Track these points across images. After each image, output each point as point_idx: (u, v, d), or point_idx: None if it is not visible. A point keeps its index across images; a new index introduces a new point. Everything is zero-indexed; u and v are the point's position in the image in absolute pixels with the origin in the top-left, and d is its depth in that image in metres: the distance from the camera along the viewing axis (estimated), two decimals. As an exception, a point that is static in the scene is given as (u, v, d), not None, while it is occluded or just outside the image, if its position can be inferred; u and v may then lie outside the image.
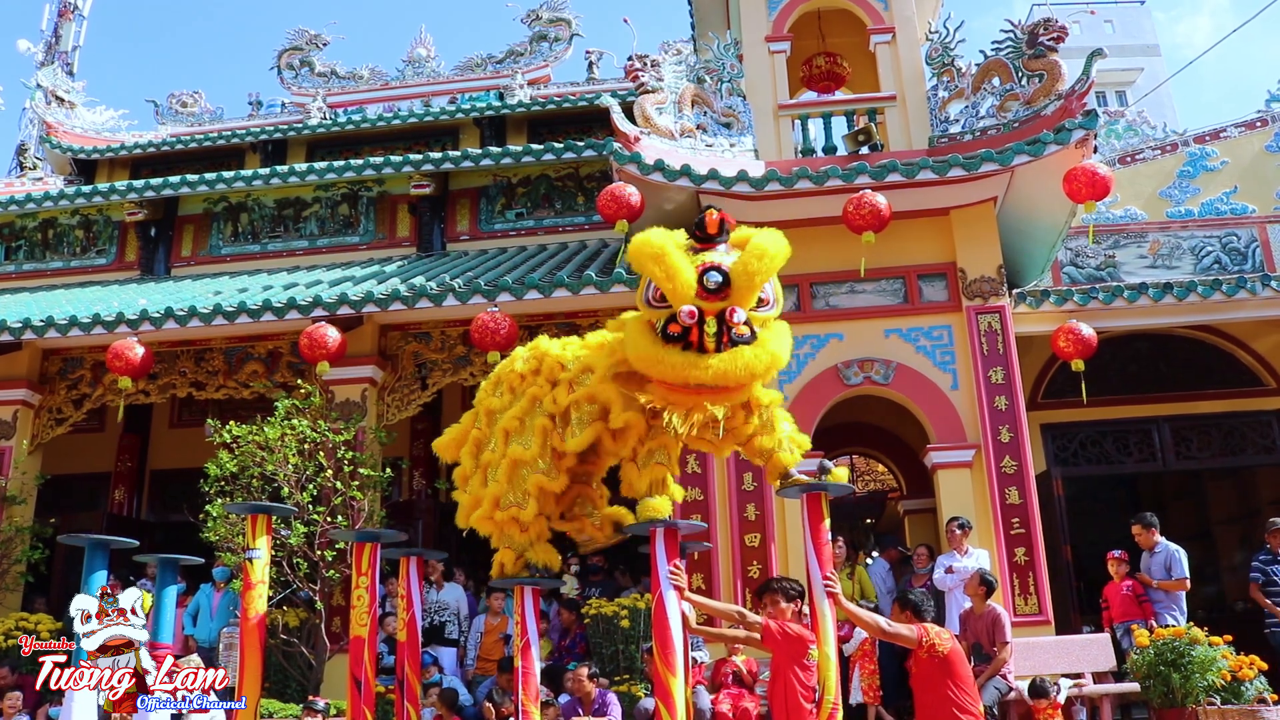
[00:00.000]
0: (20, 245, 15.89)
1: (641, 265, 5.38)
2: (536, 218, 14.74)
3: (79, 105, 19.52)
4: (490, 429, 6.47)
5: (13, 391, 12.48)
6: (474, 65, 20.30)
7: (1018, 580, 10.13)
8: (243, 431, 10.19)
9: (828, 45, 13.40)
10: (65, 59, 30.40)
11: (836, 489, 6.23)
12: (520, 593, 6.60)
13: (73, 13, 32.12)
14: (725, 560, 10.50)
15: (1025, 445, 10.57)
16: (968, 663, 6.26)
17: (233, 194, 15.29)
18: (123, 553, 7.75)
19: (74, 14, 32.18)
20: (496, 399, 6.52)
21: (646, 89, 11.78)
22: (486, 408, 6.59)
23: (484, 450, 6.48)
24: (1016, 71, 11.46)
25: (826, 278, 11.32)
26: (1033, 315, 11.86)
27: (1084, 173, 10.12)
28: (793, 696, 5.99)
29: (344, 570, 9.92)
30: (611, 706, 8.63)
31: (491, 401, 6.55)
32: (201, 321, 11.52)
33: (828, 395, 10.96)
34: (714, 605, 7.15)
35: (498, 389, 6.59)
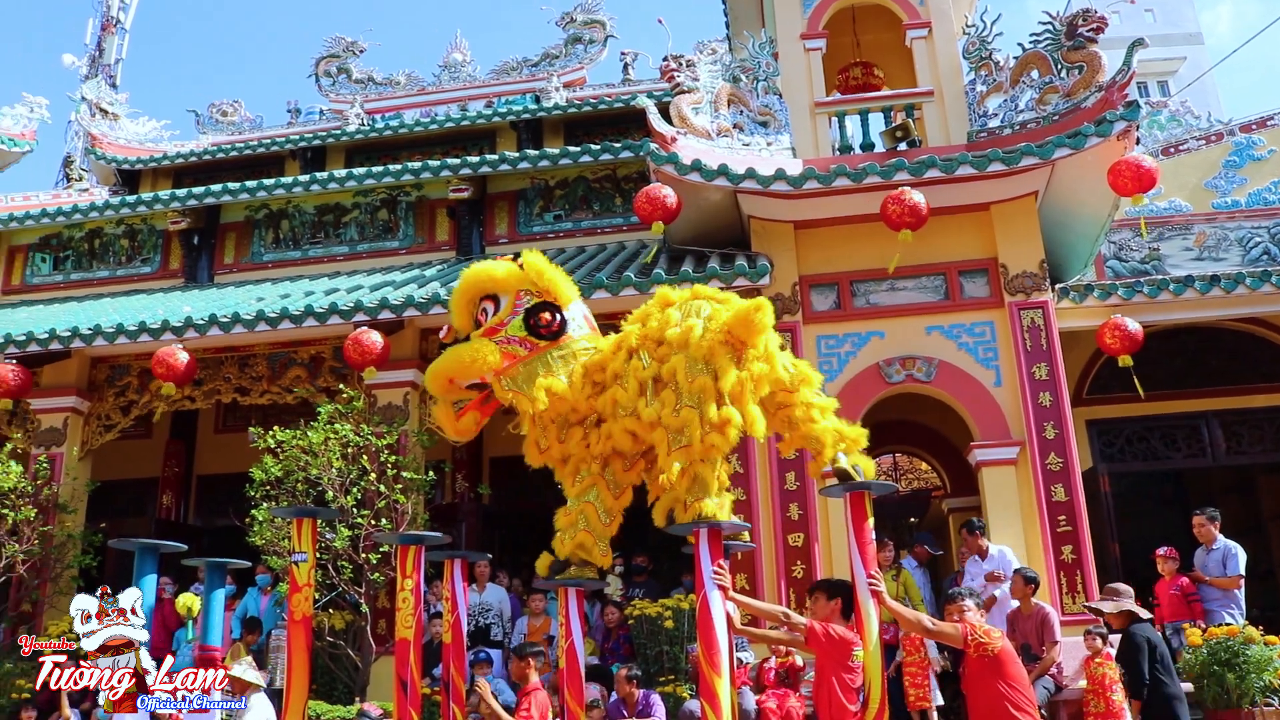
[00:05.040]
0: (68, 255, 16.12)
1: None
2: (574, 220, 14.76)
3: (122, 117, 19.80)
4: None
5: (62, 399, 12.67)
6: (509, 69, 20.38)
7: (1065, 578, 10.02)
8: (287, 436, 10.27)
9: (862, 42, 13.33)
10: (108, 72, 30.86)
11: (880, 488, 6.20)
12: (564, 594, 6.62)
13: (115, 26, 32.59)
14: (769, 560, 10.47)
15: (1070, 442, 10.45)
16: (1020, 660, 6.18)
17: (273, 201, 15.43)
18: (171, 557, 7.86)
19: (116, 28, 32.64)
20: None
21: (682, 89, 11.77)
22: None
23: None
24: (1056, 64, 11.35)
25: (866, 275, 11.26)
26: (1076, 310, 11.74)
27: (1129, 165, 9.99)
28: (837, 698, 5.95)
29: (389, 573, 9.98)
30: (655, 707, 8.61)
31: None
32: (245, 328, 11.64)
33: (869, 394, 10.89)
34: (758, 606, 7.12)
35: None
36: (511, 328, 6.45)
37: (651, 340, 6.22)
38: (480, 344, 6.44)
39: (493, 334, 6.47)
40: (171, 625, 11.24)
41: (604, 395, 6.27)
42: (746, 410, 5.93)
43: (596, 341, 6.70)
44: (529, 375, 6.35)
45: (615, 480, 6.44)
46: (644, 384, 6.13)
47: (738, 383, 5.92)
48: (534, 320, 6.42)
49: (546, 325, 6.42)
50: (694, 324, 6.06)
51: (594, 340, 6.70)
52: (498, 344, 6.41)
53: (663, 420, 5.93)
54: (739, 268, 10.97)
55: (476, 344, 6.46)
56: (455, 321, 6.76)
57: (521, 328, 6.43)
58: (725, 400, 5.86)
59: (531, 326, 6.41)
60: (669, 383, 5.99)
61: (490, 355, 6.37)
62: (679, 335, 6.06)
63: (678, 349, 6.03)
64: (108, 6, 32.59)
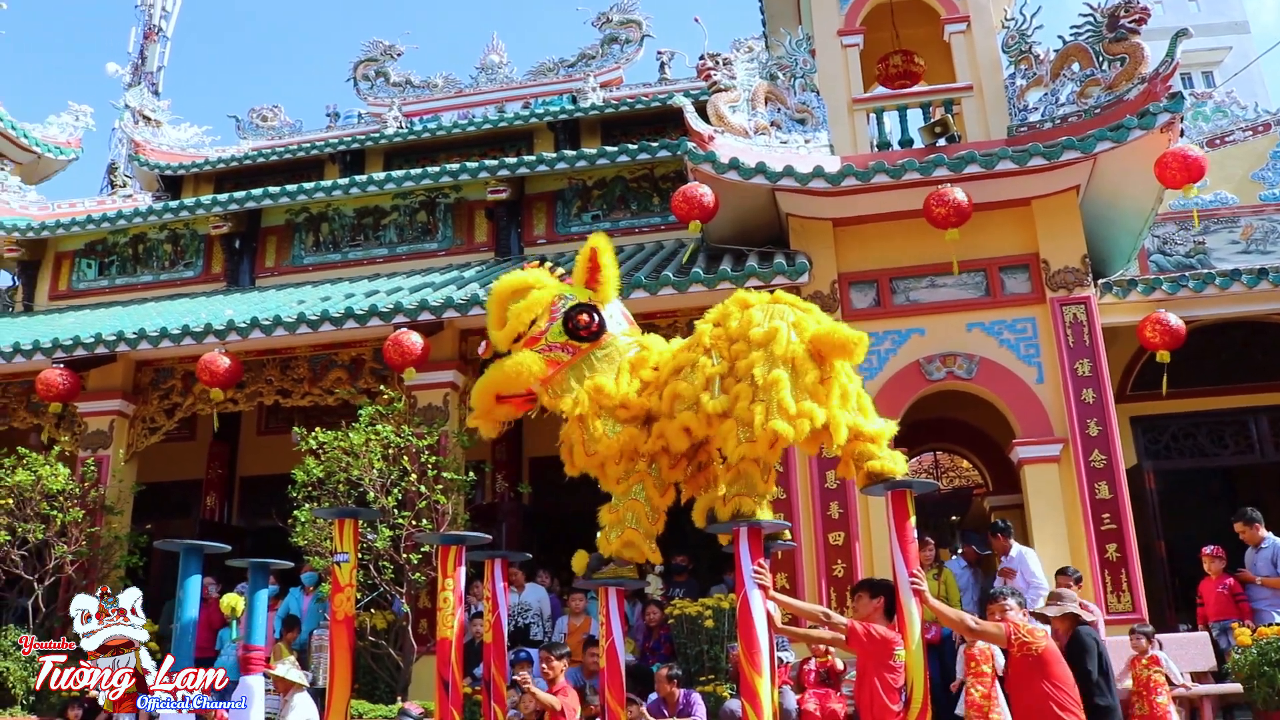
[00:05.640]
0: (113, 260, 16.33)
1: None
2: (612, 219, 14.76)
3: (165, 123, 20.04)
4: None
5: (108, 402, 12.85)
6: (546, 70, 20.43)
7: (1110, 577, 9.90)
8: (328, 438, 10.36)
9: (900, 37, 13.24)
10: (151, 80, 31.29)
11: (921, 486, 6.15)
12: (604, 593, 6.62)
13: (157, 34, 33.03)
14: (809, 559, 10.42)
15: (1114, 439, 10.32)
16: (1064, 660, 6.11)
17: (313, 204, 15.55)
18: (216, 557, 7.95)
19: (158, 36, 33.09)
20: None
21: (719, 87, 11.74)
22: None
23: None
24: (1097, 56, 11.22)
25: (906, 272, 11.18)
26: (1120, 305, 11.60)
27: (1176, 156, 9.84)
28: (879, 698, 5.91)
29: (429, 573, 10.03)
30: (696, 707, 8.60)
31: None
32: (286, 330, 11.74)
33: (910, 391, 10.81)
34: (798, 605, 7.10)
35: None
36: (552, 334, 6.44)
37: (726, 339, 6.13)
38: (522, 355, 6.44)
39: (533, 343, 6.47)
40: (216, 625, 11.37)
41: (666, 389, 6.22)
42: (832, 413, 5.87)
43: (637, 336, 6.70)
44: (575, 379, 6.36)
45: (660, 478, 6.42)
46: (710, 380, 6.05)
47: (820, 384, 5.88)
48: (572, 323, 6.41)
49: (586, 326, 6.42)
50: (779, 326, 5.99)
51: (635, 335, 6.71)
52: (540, 353, 6.41)
53: (734, 412, 5.83)
54: (778, 266, 10.93)
55: (519, 356, 6.45)
56: (492, 336, 6.80)
57: (561, 333, 6.43)
58: (805, 396, 5.81)
59: (571, 330, 6.41)
60: (743, 378, 5.90)
61: (534, 365, 6.37)
62: (763, 335, 5.97)
63: (757, 347, 5.95)
64: (150, 15, 33.04)
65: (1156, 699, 7.90)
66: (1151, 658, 8.10)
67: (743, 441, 5.83)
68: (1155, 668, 8.04)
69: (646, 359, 6.49)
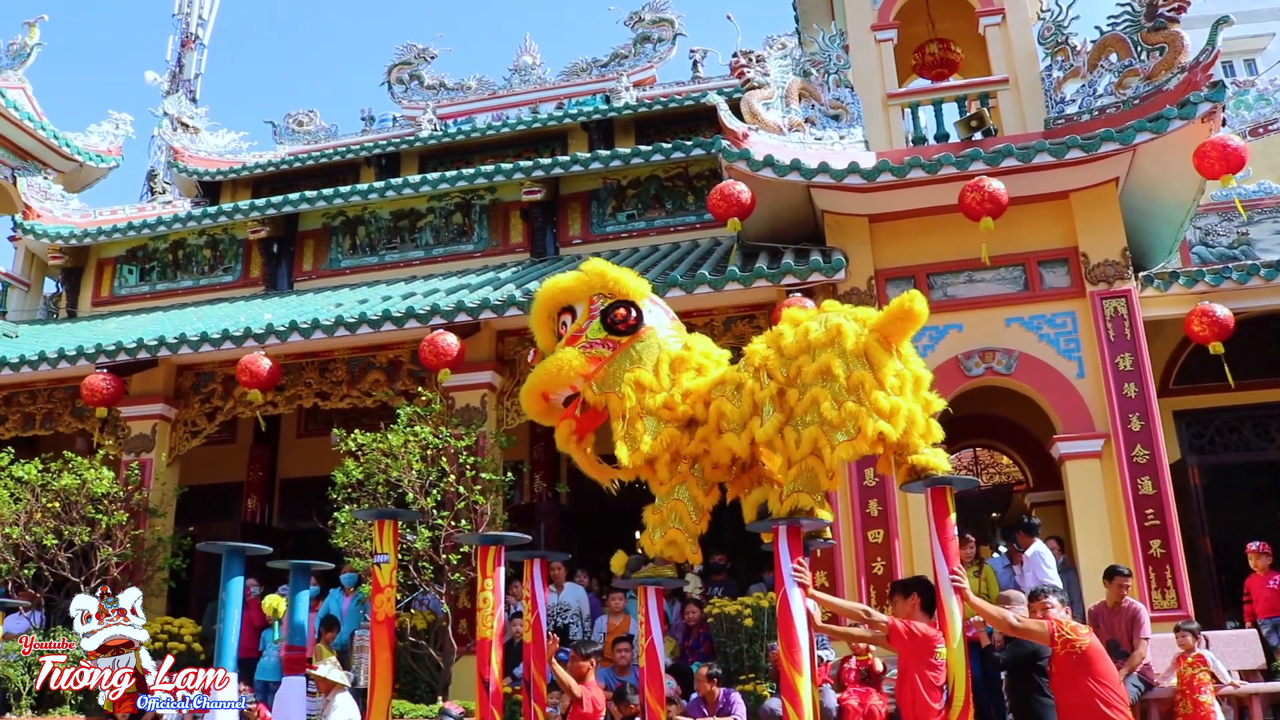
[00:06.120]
0: (153, 266, 16.53)
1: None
2: (647, 219, 14.76)
3: (202, 130, 20.27)
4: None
5: (151, 406, 13.01)
6: (579, 70, 20.47)
7: (1154, 574, 9.78)
8: (367, 439, 10.42)
9: (935, 31, 13.14)
10: (188, 87, 31.70)
11: (961, 483, 6.11)
12: (643, 593, 6.62)
13: (194, 43, 33.46)
14: (848, 557, 10.37)
15: (1157, 433, 10.19)
16: (1109, 657, 6.04)
17: (349, 208, 15.66)
18: (257, 559, 8.02)
19: (195, 44, 33.52)
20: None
21: (752, 85, 11.70)
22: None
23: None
24: (1135, 46, 11.08)
25: (943, 267, 11.10)
26: (1161, 298, 11.45)
27: (1215, 146, 9.70)
28: (920, 696, 5.88)
29: (469, 573, 10.07)
30: (736, 706, 8.57)
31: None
32: (324, 333, 11.83)
33: (948, 387, 10.68)
34: (838, 603, 7.07)
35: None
36: (591, 331, 6.50)
37: (780, 358, 6.08)
38: (563, 353, 6.52)
39: (574, 341, 6.54)
40: (258, 626, 11.47)
41: (712, 405, 6.21)
42: (911, 407, 5.85)
43: (680, 332, 6.71)
44: (617, 373, 6.39)
45: (704, 478, 6.42)
46: (759, 404, 6.01)
47: (897, 376, 5.87)
48: (610, 318, 6.45)
49: (624, 320, 6.44)
50: (842, 323, 5.99)
51: (677, 330, 6.72)
52: (580, 350, 6.47)
53: (823, 415, 5.77)
54: (814, 263, 10.88)
55: (560, 354, 6.54)
56: (539, 342, 6.90)
57: (600, 329, 6.48)
58: (888, 390, 5.80)
59: (609, 325, 6.45)
60: (814, 382, 5.85)
61: (575, 361, 6.44)
62: (825, 334, 5.95)
63: (825, 348, 5.91)
64: (187, 24, 33.47)
65: (1200, 697, 7.79)
66: (1197, 656, 7.99)
67: (838, 445, 5.76)
68: (1200, 666, 7.93)
69: (688, 360, 6.48)
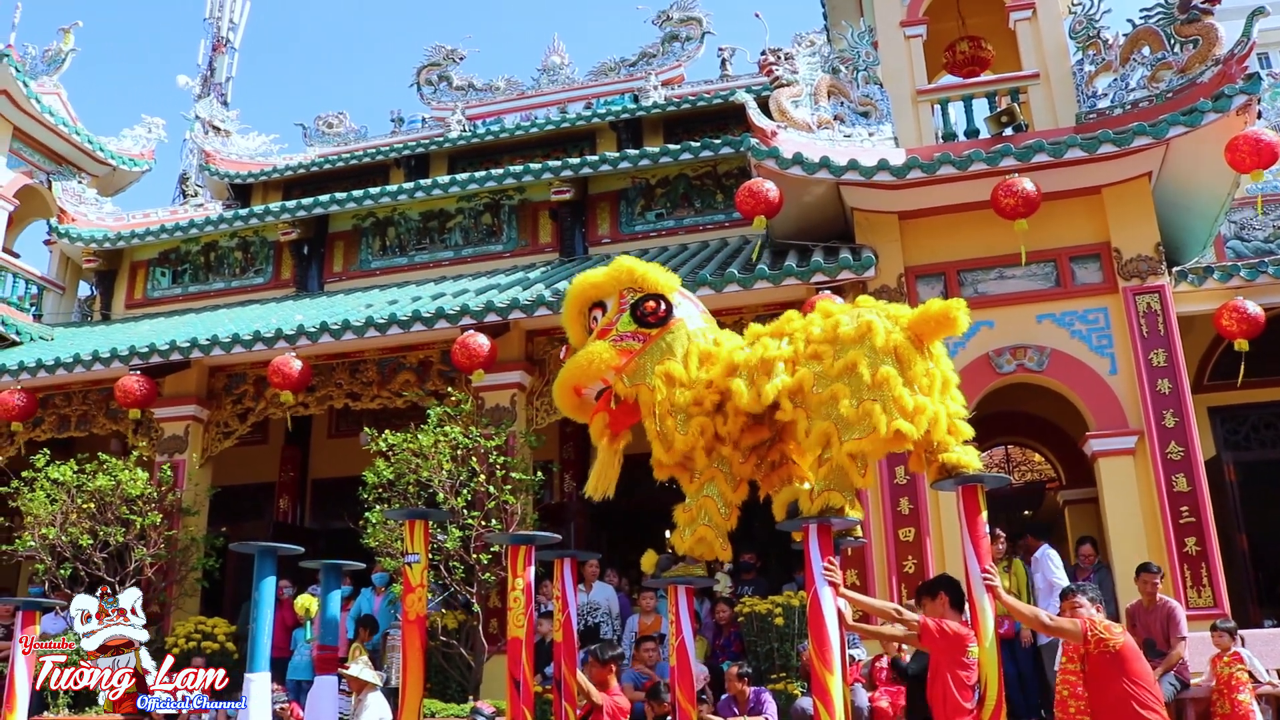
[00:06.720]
0: (185, 269, 16.68)
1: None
2: (676, 218, 14.75)
3: (233, 133, 20.43)
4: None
5: (183, 408, 13.12)
6: (607, 69, 20.46)
7: (1189, 572, 9.67)
8: (398, 440, 10.47)
9: (965, 26, 13.05)
10: (219, 90, 31.96)
11: (993, 481, 6.07)
12: (673, 592, 6.62)
13: (225, 46, 33.73)
14: (879, 556, 10.32)
15: (1192, 430, 10.08)
16: (1143, 656, 5.98)
17: (379, 209, 15.74)
18: (290, 559, 8.08)
19: (226, 47, 33.79)
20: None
21: (781, 82, 11.67)
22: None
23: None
24: (1168, 38, 10.96)
25: (974, 264, 11.03)
26: (1196, 294, 11.33)
27: (1247, 140, 9.59)
28: (952, 695, 5.84)
29: (499, 573, 10.09)
30: (767, 705, 8.56)
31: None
32: (354, 334, 11.89)
33: (979, 385, 10.65)
34: (869, 602, 7.04)
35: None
36: (621, 324, 6.54)
37: (805, 336, 6.16)
38: (594, 346, 6.57)
39: (604, 335, 6.59)
40: (290, 625, 11.55)
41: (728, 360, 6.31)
42: (938, 407, 5.85)
43: (711, 325, 6.72)
44: (647, 365, 6.42)
45: (731, 474, 6.42)
46: (769, 362, 6.15)
47: (926, 376, 5.85)
48: (640, 311, 6.48)
49: (653, 312, 6.47)
50: (872, 319, 6.00)
51: (708, 322, 6.73)
52: (611, 343, 6.51)
53: (840, 412, 5.80)
54: (844, 261, 10.84)
55: (591, 347, 6.58)
56: (572, 339, 6.92)
57: (630, 322, 6.51)
58: (915, 390, 5.79)
59: (639, 317, 6.48)
60: (838, 377, 5.88)
61: (606, 354, 6.48)
62: (855, 330, 5.97)
63: (854, 343, 5.93)
64: (218, 28, 33.75)
65: (1238, 696, 7.70)
66: (1234, 654, 7.90)
67: (847, 440, 5.77)
68: (1238, 664, 7.84)
69: (716, 355, 6.48)
